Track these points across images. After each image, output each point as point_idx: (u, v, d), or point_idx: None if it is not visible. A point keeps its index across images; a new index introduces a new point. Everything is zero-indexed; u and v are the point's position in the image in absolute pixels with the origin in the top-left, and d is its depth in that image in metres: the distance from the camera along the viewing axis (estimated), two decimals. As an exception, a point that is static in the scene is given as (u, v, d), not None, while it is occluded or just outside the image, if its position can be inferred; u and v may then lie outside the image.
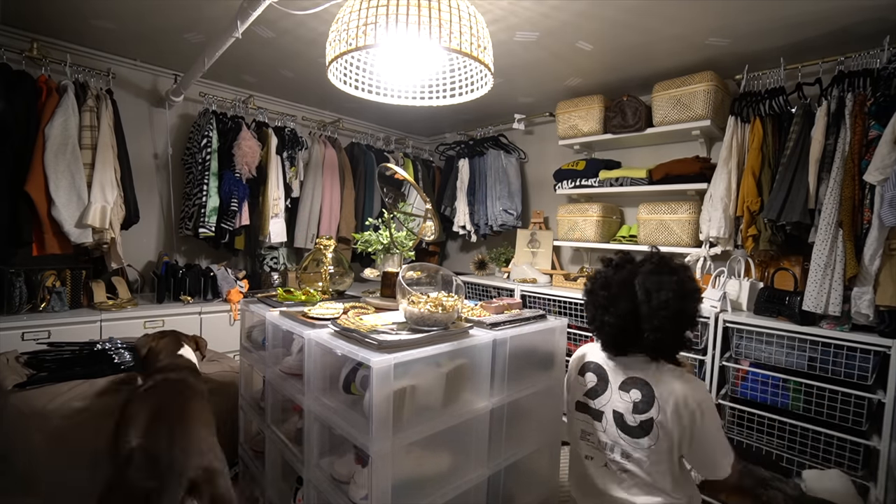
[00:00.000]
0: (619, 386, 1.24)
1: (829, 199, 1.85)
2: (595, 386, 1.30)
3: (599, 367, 1.31)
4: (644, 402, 1.18)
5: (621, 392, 1.23)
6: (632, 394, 1.21)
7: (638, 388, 1.20)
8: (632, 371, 1.23)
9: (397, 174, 1.64)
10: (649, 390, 1.18)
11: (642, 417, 1.18)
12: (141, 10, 2.10)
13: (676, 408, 1.14)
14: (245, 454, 1.81)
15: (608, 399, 1.26)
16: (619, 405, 1.23)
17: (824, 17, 1.88)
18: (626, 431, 1.21)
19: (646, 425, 1.17)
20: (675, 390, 1.15)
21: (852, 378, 1.71)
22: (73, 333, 2.15)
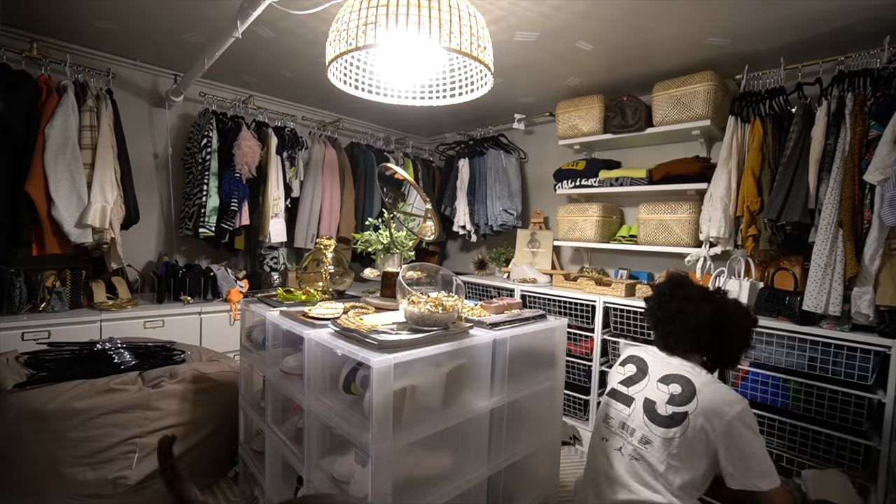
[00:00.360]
0: (659, 378, 1.31)
1: (829, 199, 1.85)
2: (633, 375, 1.39)
3: (642, 360, 1.40)
4: (682, 396, 1.24)
5: (660, 384, 1.30)
6: (671, 387, 1.27)
7: (679, 383, 1.27)
8: (677, 370, 1.31)
9: (397, 174, 1.64)
10: (691, 388, 1.24)
11: (676, 409, 1.23)
12: (141, 10, 2.10)
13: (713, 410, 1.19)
14: (245, 454, 1.81)
15: (643, 387, 1.33)
16: (654, 395, 1.29)
17: (824, 17, 1.88)
18: (653, 419, 1.25)
19: (677, 417, 1.22)
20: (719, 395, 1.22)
21: (852, 378, 1.71)
22: (73, 333, 2.16)
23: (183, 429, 1.78)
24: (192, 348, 2.20)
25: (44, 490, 1.58)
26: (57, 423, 1.58)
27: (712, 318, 1.31)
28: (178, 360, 1.98)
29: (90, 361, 1.84)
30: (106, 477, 1.60)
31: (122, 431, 1.65)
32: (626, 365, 1.44)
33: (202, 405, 1.86)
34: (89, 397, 1.63)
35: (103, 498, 1.60)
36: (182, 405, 1.80)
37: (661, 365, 1.35)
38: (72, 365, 1.81)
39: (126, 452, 1.65)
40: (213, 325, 2.62)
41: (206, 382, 1.89)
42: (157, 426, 1.72)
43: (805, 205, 1.93)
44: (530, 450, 1.52)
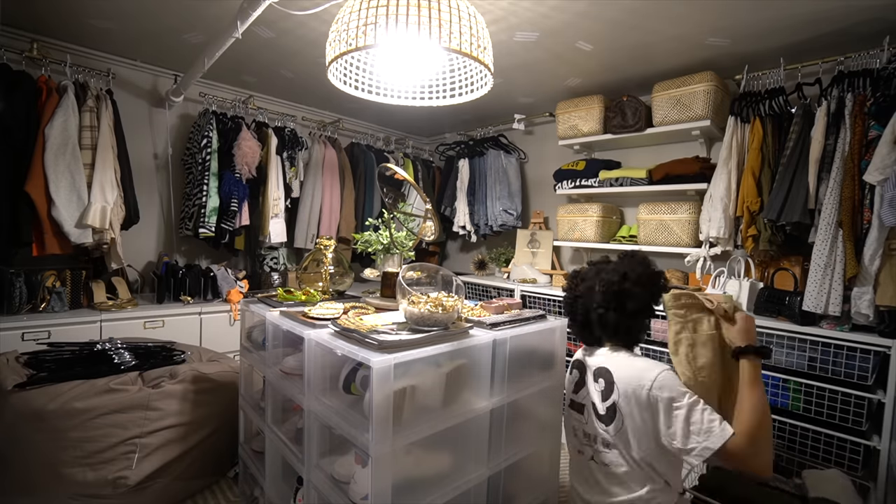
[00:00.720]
0: (593, 378, 1.28)
1: (829, 199, 1.85)
2: (578, 380, 1.35)
3: (580, 361, 1.37)
4: (607, 389, 1.22)
5: (593, 383, 1.28)
6: (599, 383, 1.25)
7: (603, 376, 1.24)
8: (600, 362, 1.27)
9: (397, 174, 1.64)
10: (609, 376, 1.22)
11: (607, 404, 1.21)
12: (141, 11, 2.10)
13: (629, 390, 1.15)
14: (245, 454, 1.81)
15: (587, 391, 1.30)
16: (594, 395, 1.26)
17: (824, 17, 1.88)
18: (600, 419, 1.23)
19: (610, 411, 1.20)
20: (627, 371, 1.18)
21: (852, 378, 1.71)
22: (73, 334, 2.16)
23: (183, 429, 1.79)
24: (192, 348, 2.20)
25: (43, 490, 1.58)
26: (57, 423, 1.58)
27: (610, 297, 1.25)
28: (178, 361, 1.98)
29: (90, 362, 1.84)
30: (106, 477, 1.60)
31: (122, 432, 1.65)
32: (572, 372, 1.40)
33: (202, 405, 1.86)
34: (89, 397, 1.63)
35: (103, 498, 1.60)
36: (182, 405, 1.80)
37: (592, 363, 1.31)
38: (72, 365, 1.81)
39: (126, 453, 1.65)
40: (213, 325, 2.62)
41: (206, 382, 1.89)
42: (157, 426, 1.72)
43: (805, 205, 1.93)
44: (530, 450, 1.52)
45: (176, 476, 1.76)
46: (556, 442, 1.65)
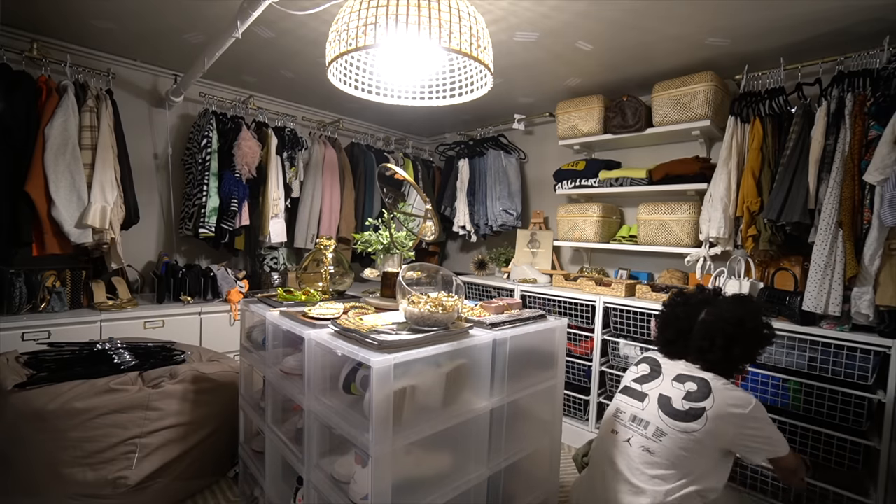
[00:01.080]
0: (674, 377, 1.38)
1: (829, 199, 1.85)
2: (647, 374, 1.46)
3: (656, 361, 1.48)
4: (699, 393, 1.31)
5: (675, 382, 1.37)
6: (686, 385, 1.34)
7: (695, 382, 1.34)
8: (687, 370, 1.39)
9: (397, 174, 1.64)
10: (707, 386, 1.31)
11: (693, 405, 1.30)
12: (141, 11, 2.10)
13: (731, 405, 1.27)
14: (245, 454, 1.81)
15: (657, 385, 1.40)
16: (669, 392, 1.36)
17: (824, 17, 1.88)
18: (668, 413, 1.32)
19: (694, 412, 1.28)
20: (733, 393, 1.30)
21: (852, 378, 1.71)
22: (73, 334, 2.16)
23: (183, 429, 1.79)
24: (192, 348, 2.20)
25: (44, 490, 1.58)
26: (57, 423, 1.58)
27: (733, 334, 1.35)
28: (178, 361, 1.98)
29: (90, 362, 1.84)
30: (106, 477, 1.60)
31: (122, 432, 1.65)
32: (640, 364, 1.51)
33: (202, 405, 1.86)
34: (89, 397, 1.63)
35: (103, 498, 1.60)
36: (182, 405, 1.80)
37: (673, 366, 1.43)
38: (72, 365, 1.81)
39: (126, 453, 1.65)
40: (213, 325, 2.62)
41: (206, 382, 1.89)
42: (157, 426, 1.72)
43: (805, 205, 1.93)
44: (530, 450, 1.52)
45: (176, 476, 1.76)
46: (556, 442, 1.65)
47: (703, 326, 1.38)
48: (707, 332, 1.36)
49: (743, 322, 1.35)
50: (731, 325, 1.34)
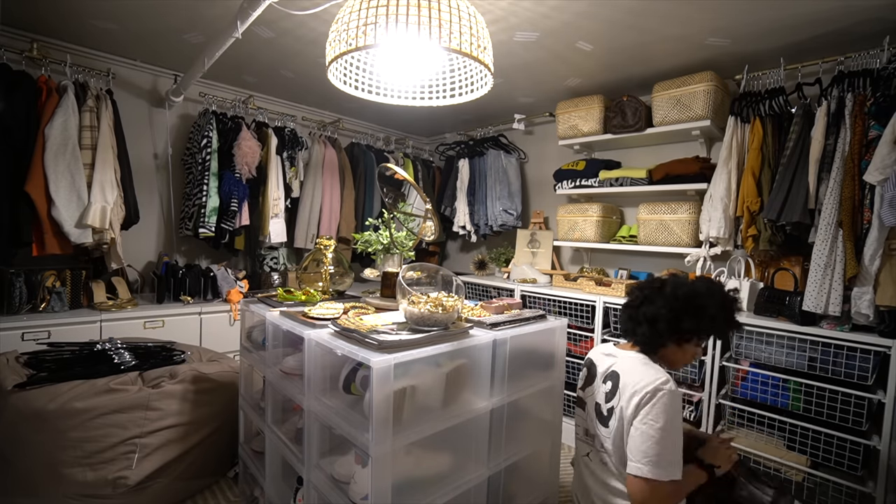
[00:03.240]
0: (602, 378, 1.29)
1: (829, 199, 1.85)
2: (587, 378, 1.37)
3: (591, 361, 1.38)
4: (612, 391, 1.22)
5: (601, 384, 1.28)
6: (606, 385, 1.25)
7: (611, 379, 1.24)
8: (612, 364, 1.27)
9: (397, 174, 1.64)
10: (616, 379, 1.21)
11: (608, 405, 1.22)
12: (141, 11, 2.10)
13: (630, 392, 1.14)
14: (245, 454, 1.81)
15: (593, 390, 1.31)
16: (599, 396, 1.27)
17: (824, 17, 1.88)
18: (600, 421, 1.25)
19: (610, 412, 1.20)
20: (636, 377, 1.15)
21: (852, 378, 1.71)
22: (73, 334, 2.16)
23: (183, 429, 1.79)
24: (192, 348, 2.20)
25: (43, 490, 1.58)
26: (57, 423, 1.58)
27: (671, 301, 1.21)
28: (178, 361, 1.98)
29: (90, 362, 1.84)
30: (106, 477, 1.60)
31: (122, 432, 1.65)
32: (584, 369, 1.41)
33: (202, 405, 1.86)
34: (89, 397, 1.63)
35: (103, 498, 1.60)
36: (182, 405, 1.80)
37: (603, 362, 1.31)
38: (72, 365, 1.81)
39: (126, 453, 1.65)
40: (213, 325, 2.62)
41: (206, 382, 1.89)
42: (157, 426, 1.72)
43: (805, 205, 1.93)
44: (530, 450, 1.52)
45: (176, 476, 1.76)
46: (556, 442, 1.65)
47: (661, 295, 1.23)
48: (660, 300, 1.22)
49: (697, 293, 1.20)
50: (686, 292, 1.20)
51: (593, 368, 1.34)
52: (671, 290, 1.23)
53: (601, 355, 1.35)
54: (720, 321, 1.22)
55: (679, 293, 1.22)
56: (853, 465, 1.72)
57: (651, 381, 1.11)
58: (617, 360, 1.27)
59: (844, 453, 1.74)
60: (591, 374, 1.34)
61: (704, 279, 1.30)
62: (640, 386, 1.12)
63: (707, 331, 1.24)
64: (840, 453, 1.75)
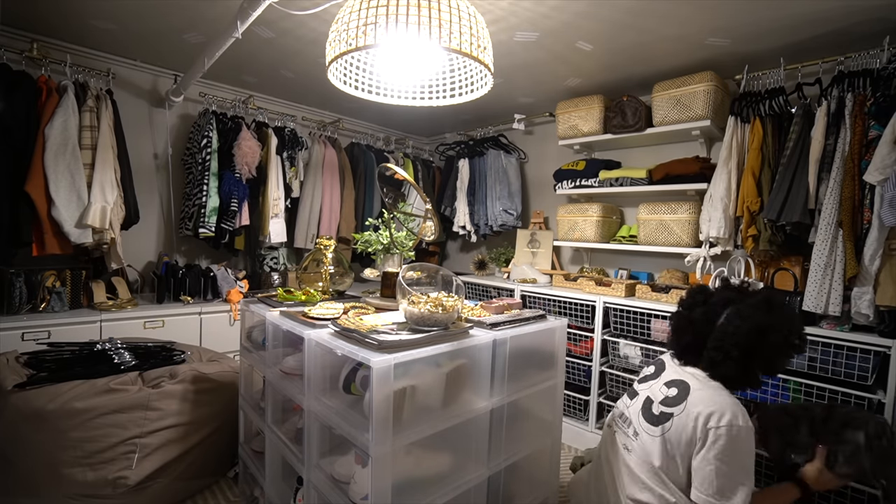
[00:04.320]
0: (665, 381, 1.34)
1: (829, 199, 1.85)
2: (650, 374, 1.44)
3: (663, 363, 1.44)
4: (675, 399, 1.24)
5: (664, 386, 1.32)
6: (670, 390, 1.29)
7: (678, 387, 1.27)
8: (683, 376, 1.30)
9: (397, 174, 1.64)
10: (686, 392, 1.23)
11: (665, 409, 1.24)
12: (141, 11, 2.10)
13: (698, 416, 1.15)
14: (245, 454, 1.81)
15: (650, 386, 1.37)
16: (655, 394, 1.32)
17: (824, 17, 1.88)
18: (645, 415, 1.30)
19: (663, 417, 1.24)
20: (710, 401, 1.15)
21: (852, 378, 1.71)
22: (73, 334, 2.16)
23: (183, 429, 1.78)
24: (192, 348, 2.20)
25: (44, 490, 1.58)
26: (57, 423, 1.58)
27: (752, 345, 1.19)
28: (178, 361, 1.98)
29: (90, 362, 1.84)
30: (106, 477, 1.60)
31: (122, 432, 1.65)
32: (650, 365, 1.49)
33: (202, 405, 1.86)
34: (89, 397, 1.63)
35: (103, 498, 1.60)
36: (182, 405, 1.80)
37: (674, 370, 1.36)
38: (72, 365, 1.81)
39: (126, 453, 1.64)
40: (213, 325, 2.62)
41: (206, 382, 1.89)
42: (157, 426, 1.72)
43: (805, 205, 1.93)
44: (530, 450, 1.52)
45: (176, 476, 1.76)
46: (556, 442, 1.65)
47: (720, 334, 1.20)
48: (722, 341, 1.19)
49: (766, 333, 1.16)
50: (751, 335, 1.16)
51: (661, 368, 1.40)
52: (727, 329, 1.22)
53: (672, 362, 1.40)
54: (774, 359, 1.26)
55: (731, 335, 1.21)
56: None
57: (731, 414, 1.11)
58: (685, 373, 1.31)
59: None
60: (657, 372, 1.40)
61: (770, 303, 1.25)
62: (717, 413, 1.11)
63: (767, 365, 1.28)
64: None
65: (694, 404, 1.17)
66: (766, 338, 1.17)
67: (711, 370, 1.25)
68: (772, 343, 1.18)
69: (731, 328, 1.20)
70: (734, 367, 1.19)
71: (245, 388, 1.83)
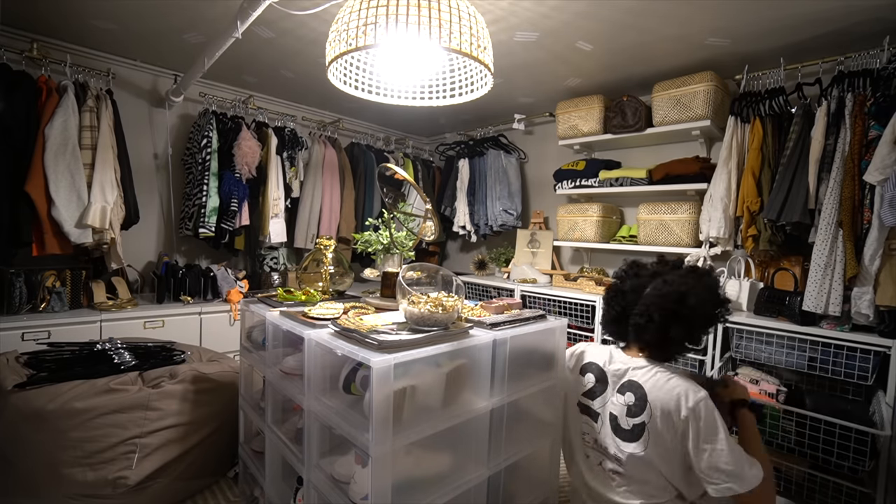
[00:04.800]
0: (616, 388, 1.26)
1: (829, 199, 1.85)
2: (594, 387, 1.33)
3: (599, 368, 1.34)
4: (637, 406, 1.19)
5: (618, 395, 1.25)
6: (626, 396, 1.22)
7: (632, 391, 1.22)
8: (629, 374, 1.25)
9: (397, 174, 1.64)
10: (642, 393, 1.19)
11: (635, 421, 1.19)
12: (141, 11, 2.10)
13: (667, 412, 1.13)
14: (245, 454, 1.81)
15: (605, 401, 1.29)
16: (615, 408, 1.25)
17: (824, 17, 1.88)
18: (619, 435, 1.22)
19: (637, 430, 1.18)
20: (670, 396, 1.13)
21: (852, 378, 1.71)
22: (73, 334, 2.15)
23: (183, 429, 1.78)
24: (192, 348, 2.20)
25: (43, 490, 1.58)
26: (57, 423, 1.57)
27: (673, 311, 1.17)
28: (178, 361, 1.97)
29: (90, 362, 1.84)
30: (106, 477, 1.60)
31: (122, 432, 1.65)
32: (585, 375, 1.37)
33: (202, 405, 1.86)
34: (89, 397, 1.62)
35: (103, 498, 1.60)
36: (182, 405, 1.80)
37: (615, 370, 1.28)
38: (72, 365, 1.81)
39: (126, 453, 1.64)
40: (213, 325, 2.62)
41: (206, 383, 1.89)
42: (157, 426, 1.72)
43: (805, 205, 1.94)
44: (530, 450, 1.51)
45: (176, 476, 1.76)
46: (556, 442, 1.65)
47: (645, 299, 1.21)
48: (646, 307, 1.19)
49: (685, 297, 1.16)
50: (671, 300, 1.17)
51: (603, 376, 1.31)
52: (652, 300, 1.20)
53: (603, 361, 1.33)
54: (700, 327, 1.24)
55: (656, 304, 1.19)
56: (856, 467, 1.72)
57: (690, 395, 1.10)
58: (629, 369, 1.24)
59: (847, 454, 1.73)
60: (602, 383, 1.31)
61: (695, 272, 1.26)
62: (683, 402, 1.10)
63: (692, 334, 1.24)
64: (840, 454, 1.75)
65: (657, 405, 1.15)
66: (685, 302, 1.17)
67: (636, 338, 1.25)
68: (691, 307, 1.17)
69: (654, 292, 1.21)
70: (656, 333, 1.18)
71: (245, 388, 1.83)
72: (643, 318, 1.20)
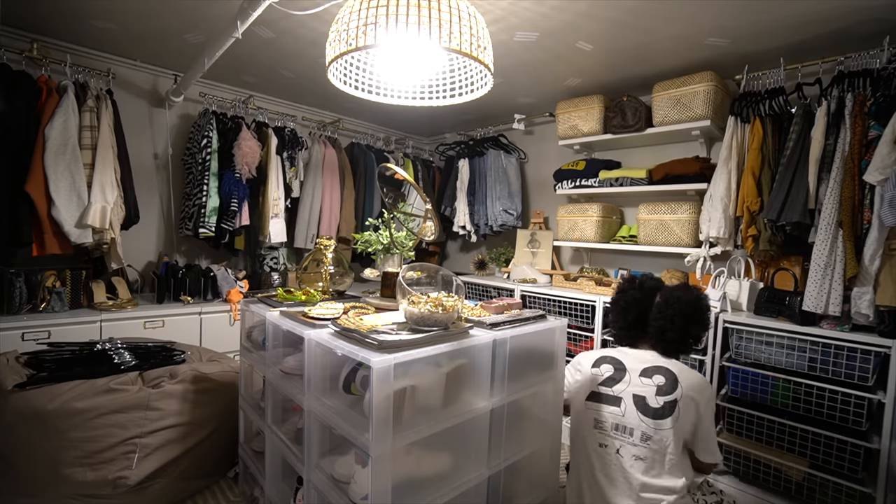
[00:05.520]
0: (639, 373, 1.39)
1: (829, 199, 1.85)
2: (612, 375, 1.44)
3: (616, 359, 1.46)
4: (668, 385, 1.33)
5: (643, 378, 1.37)
6: (654, 378, 1.36)
7: (661, 374, 1.36)
8: (651, 362, 1.41)
9: (397, 174, 1.64)
10: (672, 375, 1.35)
11: (667, 399, 1.32)
12: (141, 11, 2.10)
13: (694, 393, 1.32)
14: (245, 454, 1.81)
15: (627, 385, 1.39)
16: (641, 390, 1.36)
17: (824, 17, 1.88)
18: (648, 413, 1.32)
19: (668, 406, 1.31)
20: (694, 378, 1.37)
21: (852, 378, 1.71)
22: (73, 334, 2.16)
23: (183, 429, 1.78)
24: (192, 348, 2.20)
25: (43, 490, 1.58)
26: (57, 423, 1.57)
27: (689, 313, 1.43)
28: (178, 361, 1.98)
29: (90, 362, 1.84)
30: (106, 477, 1.60)
31: (122, 432, 1.65)
32: (600, 366, 1.48)
33: (202, 405, 1.86)
34: (89, 397, 1.63)
35: (103, 498, 1.60)
36: (182, 405, 1.80)
37: (634, 360, 1.44)
38: (72, 365, 1.81)
39: (126, 453, 1.64)
40: (213, 325, 2.62)
41: (206, 382, 1.89)
42: (157, 426, 1.72)
43: (805, 205, 1.94)
44: (530, 450, 1.51)
45: (176, 476, 1.76)
46: (557, 442, 1.65)
47: (664, 306, 1.44)
48: (666, 311, 1.43)
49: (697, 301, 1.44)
50: (687, 305, 1.42)
51: (621, 366, 1.44)
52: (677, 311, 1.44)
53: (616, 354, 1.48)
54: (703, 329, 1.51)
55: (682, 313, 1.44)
56: (853, 467, 1.72)
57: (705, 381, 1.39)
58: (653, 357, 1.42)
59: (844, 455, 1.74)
60: (621, 371, 1.43)
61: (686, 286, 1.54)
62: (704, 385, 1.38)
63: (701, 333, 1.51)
64: (840, 455, 1.75)
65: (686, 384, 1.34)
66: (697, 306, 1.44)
67: (659, 339, 1.45)
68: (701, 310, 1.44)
69: (673, 300, 1.44)
70: (678, 334, 1.42)
71: (245, 388, 1.83)
72: (668, 321, 1.42)
